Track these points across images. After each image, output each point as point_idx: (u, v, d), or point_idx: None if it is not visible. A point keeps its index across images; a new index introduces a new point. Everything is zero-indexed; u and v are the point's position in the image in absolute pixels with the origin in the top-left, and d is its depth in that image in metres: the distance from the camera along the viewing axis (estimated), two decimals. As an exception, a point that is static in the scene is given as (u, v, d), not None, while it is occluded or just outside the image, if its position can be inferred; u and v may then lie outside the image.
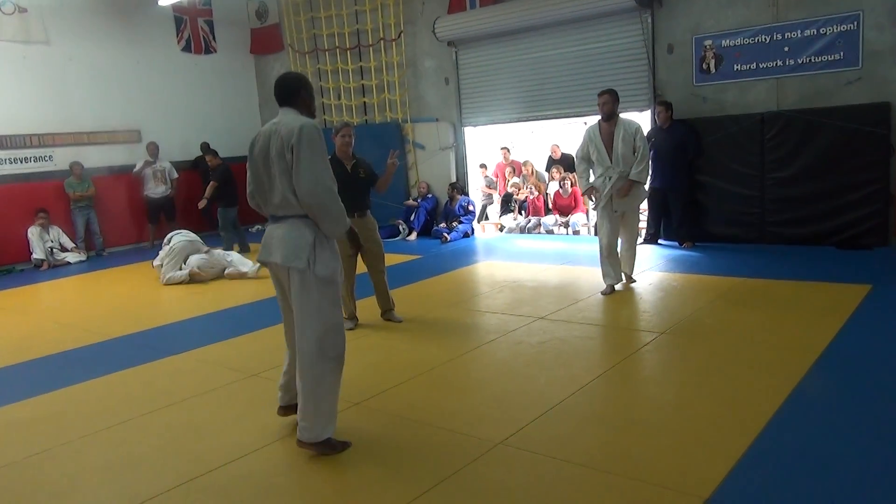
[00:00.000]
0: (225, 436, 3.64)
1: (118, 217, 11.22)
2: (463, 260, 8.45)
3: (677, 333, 4.91)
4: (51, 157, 10.63)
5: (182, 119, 12.19)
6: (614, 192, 5.98)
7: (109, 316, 6.79)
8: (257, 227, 12.15)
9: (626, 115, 6.30)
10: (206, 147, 11.91)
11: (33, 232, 10.07)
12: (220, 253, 8.44)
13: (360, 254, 5.52)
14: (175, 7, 11.92)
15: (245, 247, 9.75)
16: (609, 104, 5.93)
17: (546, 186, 10.69)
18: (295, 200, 3.15)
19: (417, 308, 6.08)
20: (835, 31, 7.28)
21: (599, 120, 6.07)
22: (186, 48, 12.38)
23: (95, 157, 11.01)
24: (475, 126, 10.67)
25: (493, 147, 11.66)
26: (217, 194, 9.88)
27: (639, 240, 6.79)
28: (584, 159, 6.17)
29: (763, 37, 7.70)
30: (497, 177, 11.54)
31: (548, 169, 10.94)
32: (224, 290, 7.65)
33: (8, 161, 10.22)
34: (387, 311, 5.76)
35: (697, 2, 8.09)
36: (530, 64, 9.66)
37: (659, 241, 8.45)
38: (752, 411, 3.46)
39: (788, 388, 3.72)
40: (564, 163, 10.65)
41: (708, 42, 8.07)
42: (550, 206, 10.37)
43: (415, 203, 10.74)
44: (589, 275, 6.97)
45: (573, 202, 10.07)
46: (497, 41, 9.87)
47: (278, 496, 3.01)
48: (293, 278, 3.21)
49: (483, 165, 11.29)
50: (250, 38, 13.09)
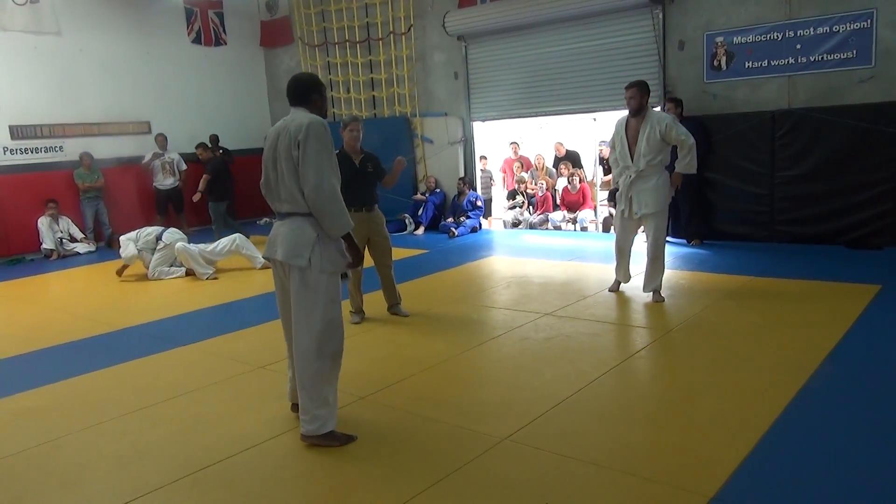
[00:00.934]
0: (232, 427, 3.66)
1: (127, 208, 11.24)
2: (470, 255, 8.45)
3: (685, 331, 4.90)
4: (61, 147, 10.67)
5: (191, 111, 12.21)
6: (633, 193, 5.61)
7: (118, 306, 6.83)
8: (265, 220, 12.16)
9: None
10: (215, 140, 11.97)
11: (43, 222, 10.13)
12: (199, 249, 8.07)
13: (367, 247, 5.54)
14: (185, -1, 11.95)
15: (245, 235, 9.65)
16: (636, 98, 5.51)
17: (554, 182, 10.68)
18: (300, 198, 3.19)
19: (424, 303, 6.09)
20: (848, 28, 7.22)
21: (628, 114, 5.67)
22: (196, 40, 12.39)
23: (105, 148, 11.04)
24: (484, 121, 10.64)
25: (501, 142, 11.63)
26: (209, 188, 9.89)
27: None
28: (616, 160, 5.74)
29: (775, 34, 7.65)
30: (504, 172, 11.52)
31: (555, 166, 10.93)
32: (232, 282, 7.68)
33: (19, 151, 10.26)
34: (393, 306, 5.77)
35: (709, -2, 8.04)
36: (540, 59, 9.62)
37: (667, 238, 8.41)
38: (759, 410, 3.46)
39: (796, 386, 3.71)
40: (570, 159, 10.63)
41: (719, 39, 8.02)
42: (558, 201, 10.35)
43: (423, 198, 10.73)
44: (596, 271, 6.96)
45: (581, 198, 10.04)
46: (507, 36, 9.84)
47: (284, 488, 3.03)
48: (293, 275, 3.25)
49: (483, 157, 11.12)
50: (260, 31, 13.08)
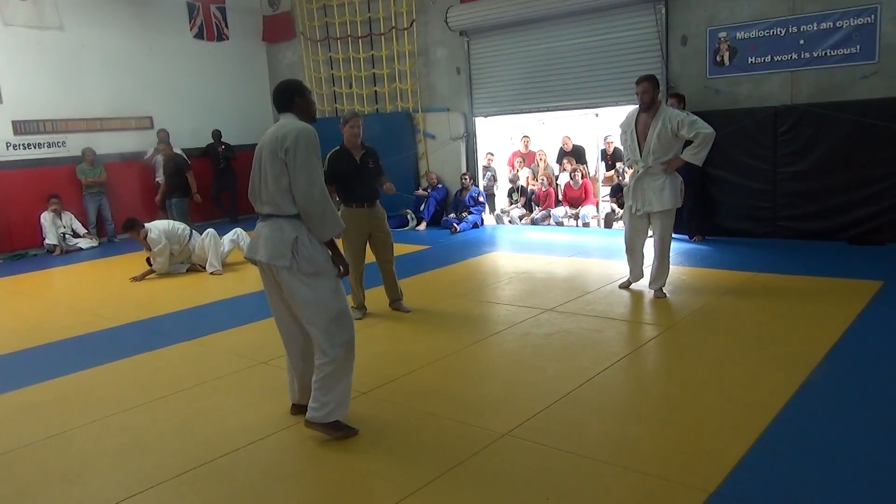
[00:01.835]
0: (234, 422, 3.67)
1: (130, 203, 11.25)
2: (472, 250, 8.45)
3: (686, 327, 4.90)
4: (64, 142, 10.69)
5: (193, 106, 12.22)
6: (640, 189, 5.55)
7: (121, 301, 6.84)
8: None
9: (635, 108, 6.03)
10: (217, 135, 11.97)
11: (46, 217, 10.16)
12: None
13: (368, 243, 5.55)
14: (188, -6, 11.93)
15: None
16: (649, 92, 5.38)
17: (556, 178, 10.66)
18: (280, 199, 3.21)
19: (426, 298, 6.09)
20: (851, 24, 7.20)
21: (638, 109, 5.56)
22: (199, 35, 12.39)
23: (107, 144, 11.06)
24: (486, 116, 10.63)
25: (504, 138, 11.61)
26: (171, 186, 9.86)
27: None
28: (627, 156, 5.75)
29: (778, 29, 7.62)
30: (511, 166, 11.49)
31: (559, 161, 10.91)
32: (233, 278, 7.69)
33: (22, 146, 10.28)
34: (395, 301, 5.77)
35: (712, -7, 8.02)
36: (543, 54, 9.61)
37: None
38: (760, 405, 3.46)
39: (797, 382, 3.71)
40: (575, 154, 10.61)
41: (722, 34, 8.00)
42: (560, 197, 10.34)
43: (424, 193, 10.73)
44: (598, 267, 6.96)
45: (583, 194, 10.03)
46: (509, 31, 9.82)
47: (286, 483, 3.04)
48: (282, 276, 3.27)
49: (490, 154, 11.04)
50: (262, 26, 13.08)
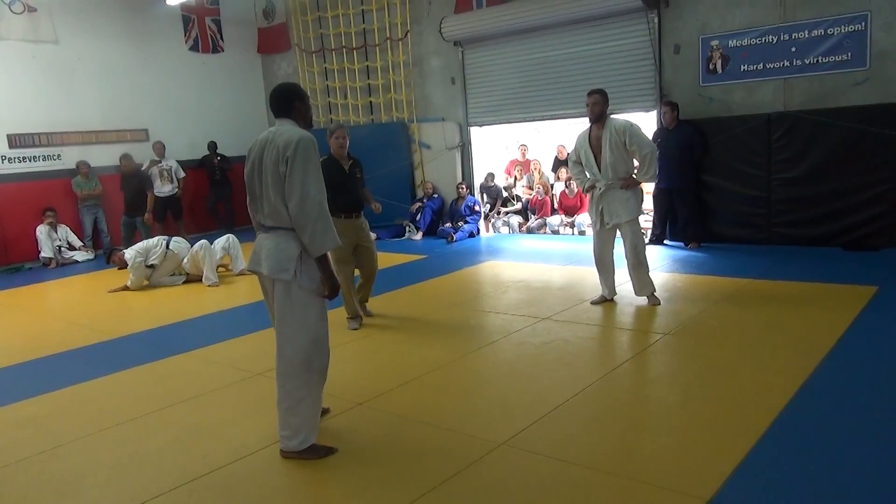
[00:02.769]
0: (229, 435, 3.66)
1: (126, 216, 11.27)
2: (468, 260, 8.46)
3: (682, 334, 4.90)
4: (59, 155, 10.69)
5: (189, 118, 12.24)
6: (604, 203, 5.56)
7: (116, 314, 6.83)
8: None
9: (629, 116, 6.01)
10: (213, 147, 12.00)
11: (41, 230, 10.14)
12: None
13: (354, 252, 5.56)
14: (183, 6, 11.95)
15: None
16: (599, 104, 5.40)
17: (552, 187, 10.69)
18: (284, 212, 3.13)
19: (422, 308, 6.09)
20: (842, 31, 7.25)
21: (590, 123, 5.58)
22: (194, 47, 12.43)
23: (103, 156, 11.04)
24: (481, 126, 10.66)
25: (500, 148, 11.65)
26: (136, 202, 10.09)
27: (646, 250, 5.78)
28: (576, 163, 5.75)
29: (770, 37, 7.67)
30: (508, 174, 11.51)
31: (554, 169, 10.94)
32: (229, 289, 7.68)
33: (17, 160, 10.28)
34: (362, 302, 5.83)
35: (704, 2, 8.06)
36: (537, 64, 9.65)
37: (665, 241, 8.44)
38: (757, 412, 3.46)
39: (793, 388, 3.72)
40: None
41: (715, 42, 8.05)
42: (556, 206, 10.36)
43: (420, 205, 10.70)
44: (594, 276, 6.92)
45: (579, 202, 10.05)
46: (504, 41, 9.87)
47: (282, 496, 3.03)
48: (278, 289, 3.21)
49: (491, 174, 11.02)
50: (257, 38, 13.12)
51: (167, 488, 3.10)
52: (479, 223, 10.38)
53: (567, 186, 10.14)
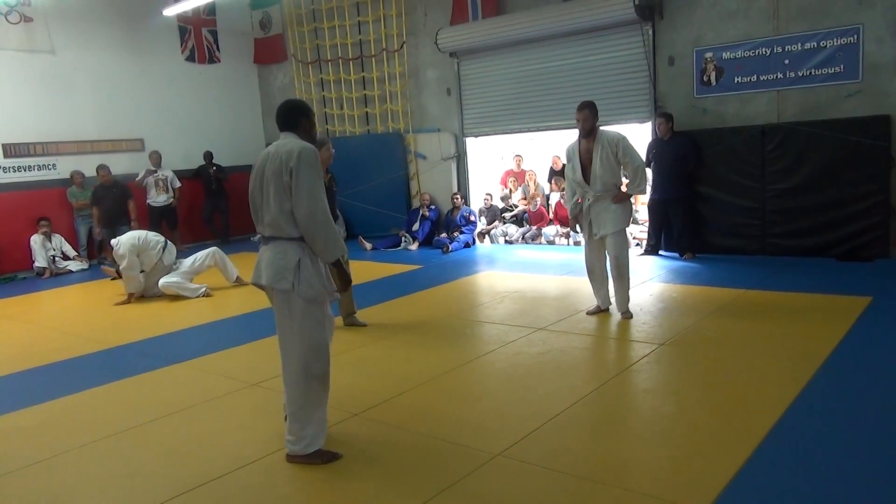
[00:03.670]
0: (225, 446, 3.65)
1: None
2: (464, 270, 8.46)
3: (677, 345, 4.91)
4: (54, 165, 10.68)
5: (185, 128, 12.24)
6: (592, 215, 5.58)
7: (111, 324, 6.80)
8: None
9: (624, 127, 6.05)
10: (209, 157, 12.00)
11: (35, 240, 10.10)
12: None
13: None
14: (179, 17, 11.97)
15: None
16: (589, 120, 5.45)
17: (548, 198, 10.72)
18: (284, 222, 3.19)
19: (418, 318, 6.09)
20: (835, 44, 7.32)
21: (579, 135, 5.62)
22: (190, 58, 12.45)
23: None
24: (477, 136, 10.70)
25: (494, 159, 11.68)
26: (115, 214, 10.03)
27: (631, 262, 5.81)
28: (570, 180, 5.72)
29: (763, 49, 7.74)
30: (503, 184, 11.52)
31: (550, 180, 10.97)
32: (224, 299, 7.66)
33: (12, 169, 10.26)
34: (350, 315, 5.89)
35: (698, 14, 8.13)
36: (532, 75, 9.71)
37: (660, 252, 8.46)
38: (752, 422, 3.46)
39: (788, 399, 3.72)
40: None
41: (709, 54, 8.11)
42: (552, 216, 10.39)
43: (426, 214, 10.67)
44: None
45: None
46: (499, 52, 9.92)
47: (277, 507, 3.01)
48: (277, 299, 3.27)
49: (489, 194, 10.95)
50: (254, 48, 13.15)
51: (162, 499, 3.09)
52: (474, 233, 10.39)
53: (562, 197, 10.17)
